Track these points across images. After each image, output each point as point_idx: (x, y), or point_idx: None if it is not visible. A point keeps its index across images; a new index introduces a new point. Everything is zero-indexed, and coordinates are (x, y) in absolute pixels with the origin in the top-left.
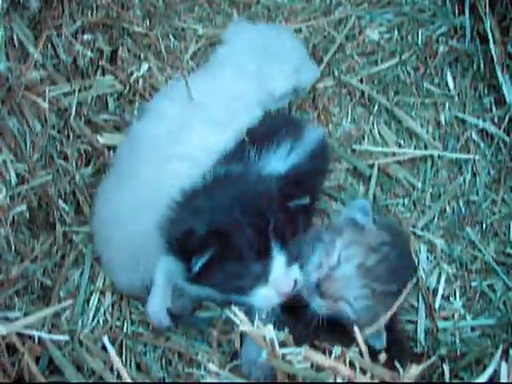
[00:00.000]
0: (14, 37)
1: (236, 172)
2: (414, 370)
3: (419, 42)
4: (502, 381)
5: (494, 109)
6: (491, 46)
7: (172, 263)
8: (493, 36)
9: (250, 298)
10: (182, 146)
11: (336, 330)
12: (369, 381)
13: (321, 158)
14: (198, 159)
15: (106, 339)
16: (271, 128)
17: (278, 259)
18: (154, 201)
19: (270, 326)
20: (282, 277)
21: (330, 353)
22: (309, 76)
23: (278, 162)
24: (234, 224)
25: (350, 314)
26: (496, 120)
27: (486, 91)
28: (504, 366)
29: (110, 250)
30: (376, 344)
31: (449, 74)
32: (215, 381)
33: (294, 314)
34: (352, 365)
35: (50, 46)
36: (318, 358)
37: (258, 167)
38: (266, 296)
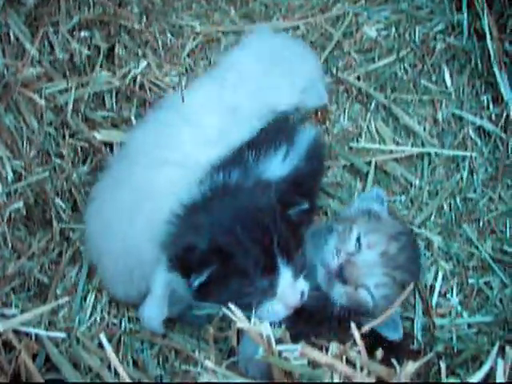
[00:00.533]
0: (11, 33)
1: (234, 181)
2: (411, 367)
3: (416, 39)
4: (498, 378)
5: (491, 106)
6: (488, 43)
7: (175, 277)
8: (490, 33)
9: (258, 312)
10: (173, 153)
11: (336, 326)
12: (365, 378)
13: (316, 157)
14: (190, 167)
15: (102, 336)
16: (266, 132)
17: (285, 273)
18: (146, 209)
19: (267, 323)
20: (289, 290)
21: (327, 350)
22: (315, 101)
23: (276, 166)
24: (236, 241)
25: (368, 303)
26: (493, 117)
27: (483, 88)
28: (500, 362)
29: (104, 259)
30: (394, 335)
31: (446, 71)
32: (212, 378)
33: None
34: (349, 362)
35: (46, 42)
36: (315, 354)
37: (257, 173)
38: (274, 310)
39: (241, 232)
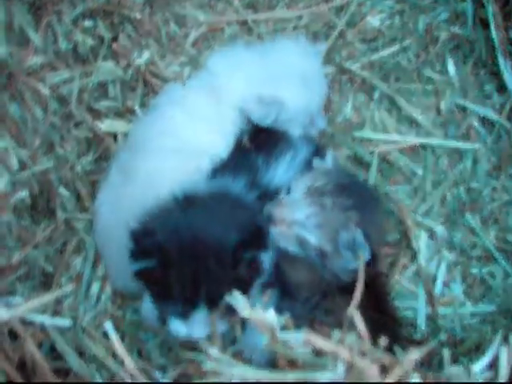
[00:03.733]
0: (14, 22)
1: (222, 199)
2: (414, 355)
3: (420, 28)
4: (501, 365)
5: (495, 96)
6: (493, 32)
7: None
8: (495, 22)
9: (168, 320)
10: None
11: (333, 310)
12: (369, 366)
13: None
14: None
15: (108, 325)
16: (270, 133)
17: (202, 311)
18: (149, 197)
19: (272, 311)
20: (199, 324)
21: (330, 337)
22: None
23: (283, 172)
24: (178, 258)
25: (309, 239)
26: (497, 107)
27: (487, 78)
28: (504, 350)
29: (108, 250)
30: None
31: (450, 60)
32: (217, 366)
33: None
34: (351, 349)
35: (50, 31)
36: (319, 341)
37: (266, 180)
38: (179, 328)
39: (188, 254)
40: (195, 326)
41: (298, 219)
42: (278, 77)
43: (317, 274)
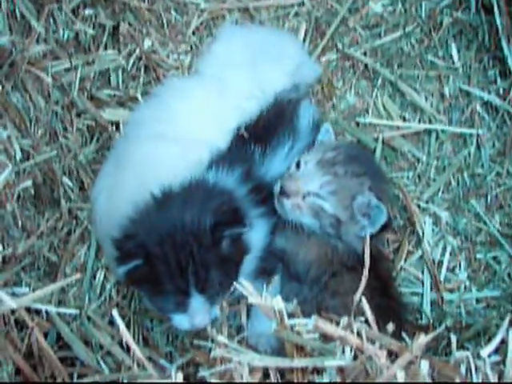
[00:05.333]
0: (17, 10)
1: (197, 189)
2: (422, 340)
3: (423, 14)
4: (509, 349)
5: (498, 81)
6: (496, 16)
7: None
8: (498, 7)
9: (170, 317)
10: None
11: (340, 292)
12: (377, 352)
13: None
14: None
15: (115, 313)
16: (269, 123)
17: (196, 297)
18: (142, 187)
19: (279, 298)
20: (197, 313)
21: (338, 324)
22: (310, 74)
23: (280, 162)
24: (162, 252)
25: (324, 207)
26: (501, 92)
27: (490, 63)
28: None
29: (106, 239)
30: (379, 218)
31: (453, 46)
32: (224, 353)
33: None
34: (359, 335)
35: (51, 20)
36: (328, 327)
37: (263, 169)
38: (182, 322)
39: (169, 245)
40: (196, 316)
41: (312, 190)
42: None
43: (328, 250)
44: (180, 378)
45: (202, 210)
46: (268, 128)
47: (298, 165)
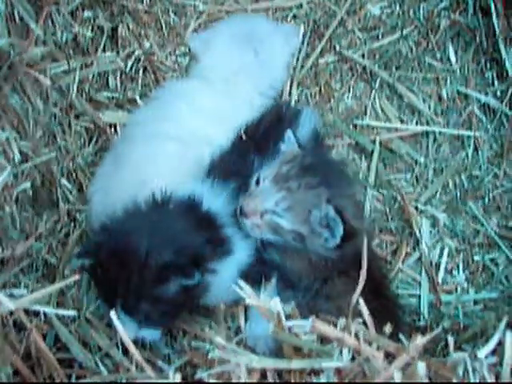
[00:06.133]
0: (15, 12)
1: (174, 213)
2: (419, 341)
3: (421, 16)
4: (506, 350)
5: (496, 83)
6: (494, 19)
7: None
8: (496, 9)
9: None
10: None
11: (333, 296)
12: (374, 353)
13: (317, 149)
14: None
15: (113, 314)
16: (267, 131)
17: (121, 314)
18: (140, 186)
19: (277, 299)
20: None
21: (335, 325)
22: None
23: None
24: (108, 262)
25: (281, 224)
26: (498, 94)
27: (488, 65)
28: (509, 334)
29: None
30: (338, 231)
31: (451, 48)
32: (222, 354)
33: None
34: (357, 336)
35: (50, 22)
36: (326, 328)
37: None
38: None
39: (115, 262)
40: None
41: (269, 207)
42: None
43: (311, 261)
44: (178, 378)
45: (162, 243)
46: (265, 136)
47: (257, 181)
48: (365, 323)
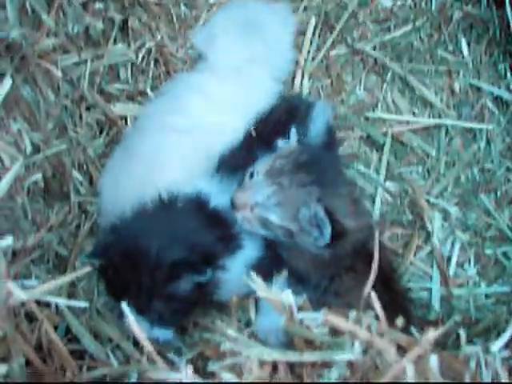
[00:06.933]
0: (27, 4)
1: (183, 211)
2: (431, 334)
3: (433, 8)
4: None
5: (508, 75)
6: (508, 10)
7: None
8: (509, 0)
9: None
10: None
11: (342, 292)
12: (387, 346)
13: (330, 143)
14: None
15: (124, 305)
16: (278, 122)
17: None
18: (151, 178)
19: (289, 292)
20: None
21: (347, 318)
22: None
23: None
24: (119, 262)
25: (270, 218)
26: (511, 87)
27: (500, 58)
28: None
29: None
30: (327, 231)
31: (463, 40)
32: (234, 346)
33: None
34: (369, 329)
35: (61, 14)
36: (338, 321)
37: None
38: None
39: (127, 263)
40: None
41: (259, 201)
42: None
43: (314, 258)
44: (190, 370)
45: (172, 242)
46: (277, 131)
47: (251, 175)
48: (376, 317)
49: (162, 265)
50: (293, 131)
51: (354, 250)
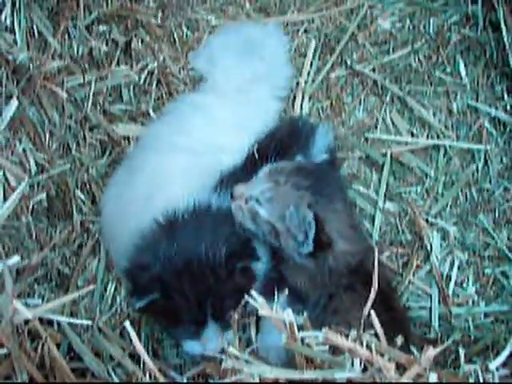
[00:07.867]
0: (34, 27)
1: (203, 215)
2: (431, 353)
3: (431, 30)
4: None
5: (506, 97)
6: (504, 33)
7: None
8: (505, 24)
9: (181, 343)
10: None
11: (340, 310)
12: (386, 364)
13: (331, 165)
14: (202, 153)
15: (127, 324)
16: (280, 143)
17: (211, 325)
18: (154, 195)
19: (290, 310)
20: (212, 340)
21: (347, 336)
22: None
23: None
24: (178, 284)
25: (260, 212)
26: (508, 108)
27: (498, 79)
28: None
29: (115, 245)
30: (304, 246)
31: (461, 62)
32: (236, 364)
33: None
34: (368, 348)
35: (67, 36)
36: (338, 339)
37: None
38: (194, 347)
39: (186, 278)
40: (209, 343)
41: (254, 194)
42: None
43: (314, 274)
44: None
45: (215, 240)
46: (280, 150)
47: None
48: (376, 335)
49: (218, 260)
50: (297, 159)
51: (350, 270)
